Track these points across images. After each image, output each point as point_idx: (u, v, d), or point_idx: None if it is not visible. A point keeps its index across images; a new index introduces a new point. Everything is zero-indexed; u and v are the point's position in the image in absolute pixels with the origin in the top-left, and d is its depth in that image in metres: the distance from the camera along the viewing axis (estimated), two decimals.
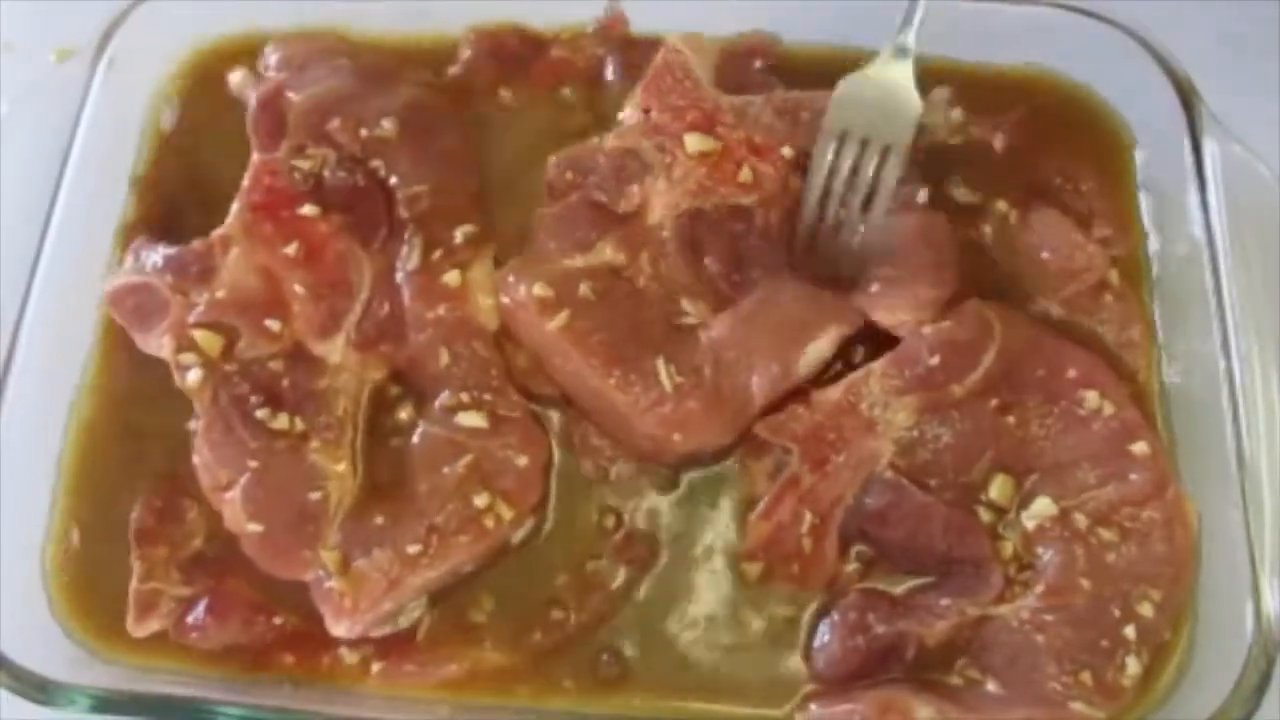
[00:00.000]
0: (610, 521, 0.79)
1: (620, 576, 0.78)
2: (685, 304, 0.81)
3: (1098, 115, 0.93)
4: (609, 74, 0.92)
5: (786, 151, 0.86)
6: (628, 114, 0.87)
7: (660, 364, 0.79)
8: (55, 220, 0.83)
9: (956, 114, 0.91)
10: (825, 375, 0.82)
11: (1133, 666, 0.74)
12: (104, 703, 0.72)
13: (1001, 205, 0.88)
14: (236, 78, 0.91)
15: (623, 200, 0.84)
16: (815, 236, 0.84)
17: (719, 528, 0.80)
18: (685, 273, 0.82)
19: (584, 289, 0.81)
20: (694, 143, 0.85)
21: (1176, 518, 0.77)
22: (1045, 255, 0.87)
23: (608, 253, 0.83)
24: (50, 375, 0.82)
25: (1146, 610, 0.75)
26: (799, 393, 0.80)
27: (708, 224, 0.83)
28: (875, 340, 0.83)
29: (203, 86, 0.92)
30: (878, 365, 0.80)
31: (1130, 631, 0.74)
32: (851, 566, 0.78)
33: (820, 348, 0.81)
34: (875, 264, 0.82)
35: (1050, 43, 0.92)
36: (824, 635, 0.76)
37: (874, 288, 0.82)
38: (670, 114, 0.86)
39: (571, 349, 0.80)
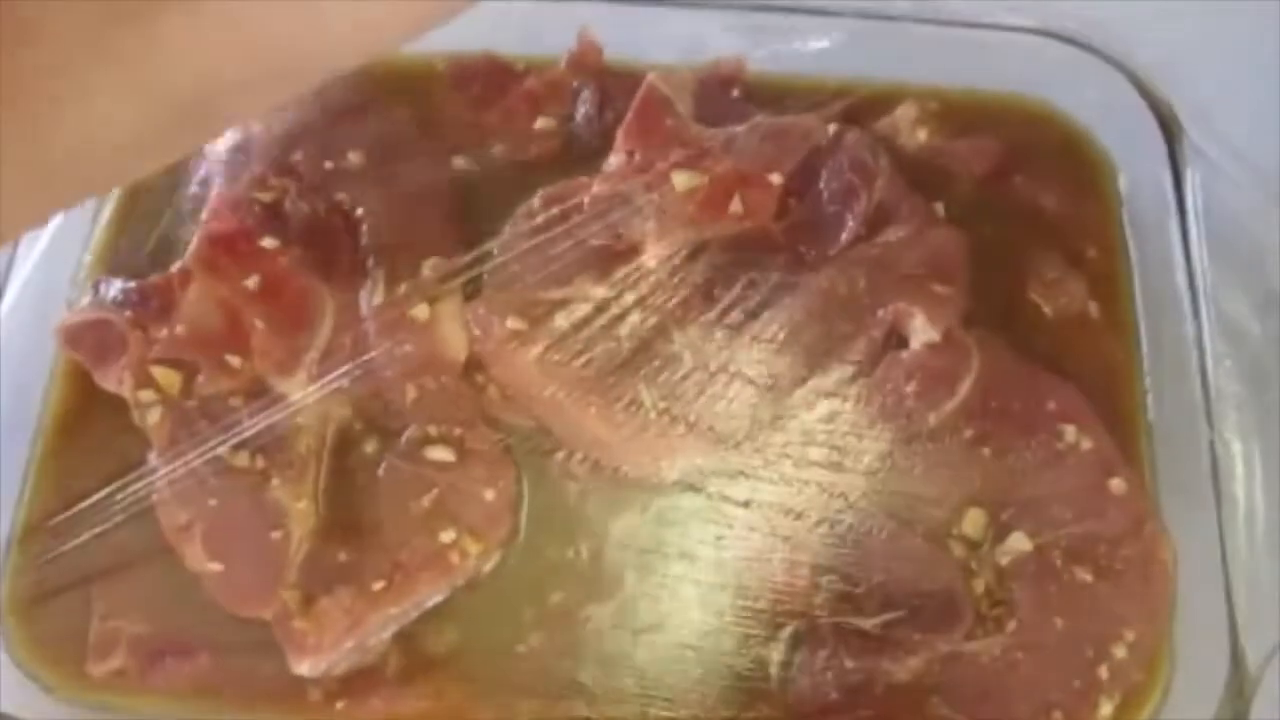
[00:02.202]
0: (577, 554, 0.78)
1: (587, 611, 0.77)
2: (673, 334, 0.80)
3: (1080, 141, 0.92)
4: (584, 104, 0.91)
5: (775, 178, 0.84)
6: (612, 159, 0.86)
7: (643, 390, 0.79)
8: (21, 247, 0.83)
9: (922, 134, 0.90)
10: None
11: (1105, 707, 0.73)
12: None
13: (986, 230, 0.86)
14: None
15: (610, 242, 0.83)
16: None
17: (692, 558, 0.78)
18: (679, 306, 0.81)
19: (560, 320, 0.81)
20: (681, 180, 0.84)
21: (1153, 557, 0.76)
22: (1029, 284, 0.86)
23: (587, 287, 0.82)
24: (13, 408, 0.81)
25: (1120, 650, 0.74)
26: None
27: (712, 256, 0.82)
28: None
29: None
30: (851, 391, 0.79)
31: (1104, 672, 0.74)
32: (822, 597, 0.76)
33: (817, 387, 0.80)
34: (916, 280, 0.81)
35: (1033, 69, 0.91)
36: (795, 671, 0.75)
37: (919, 305, 0.81)
38: (654, 153, 0.85)
39: (548, 381, 0.79)
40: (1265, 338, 0.78)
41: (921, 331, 0.80)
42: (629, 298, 0.81)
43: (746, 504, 0.78)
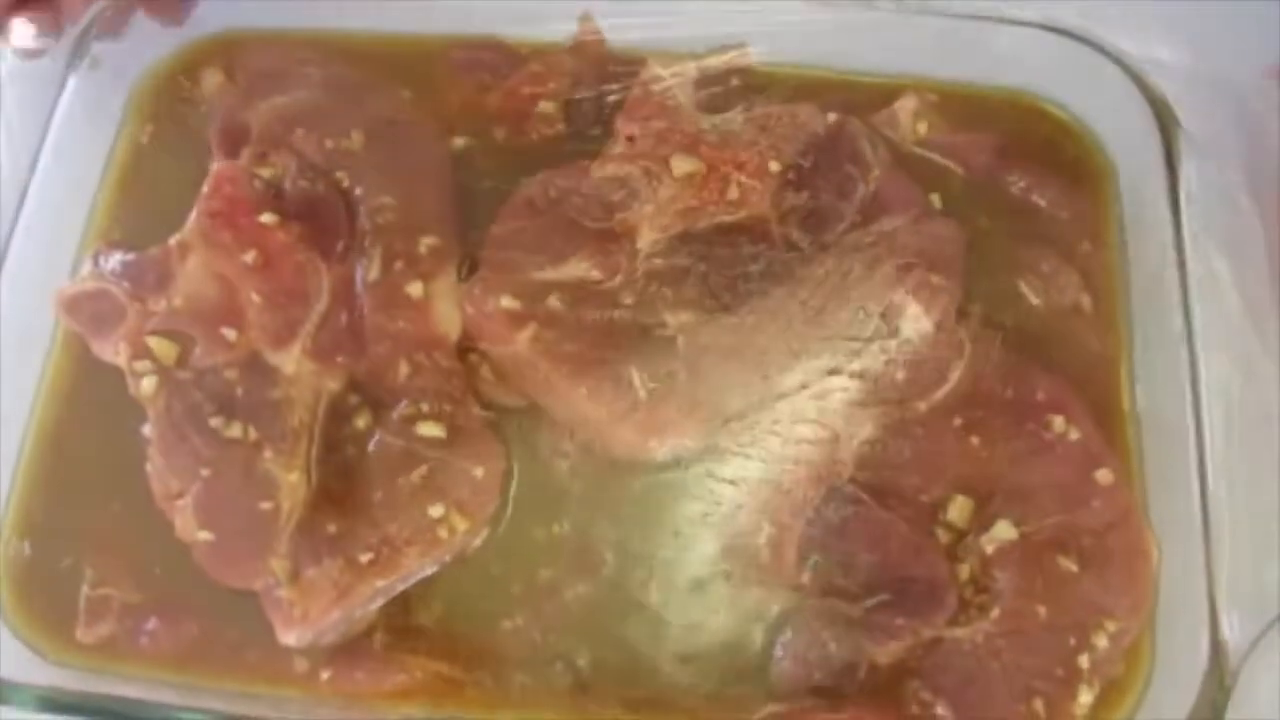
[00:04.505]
0: (565, 531, 0.79)
1: (574, 587, 0.78)
2: (666, 316, 0.81)
3: (1077, 136, 0.92)
4: (585, 89, 0.92)
5: (774, 166, 0.86)
6: (611, 143, 0.87)
7: (633, 372, 0.80)
8: (23, 219, 0.83)
9: (922, 126, 0.90)
10: None
11: (1086, 696, 0.74)
12: (51, 703, 0.72)
13: (982, 222, 0.88)
14: (210, 79, 0.92)
15: (607, 225, 0.84)
16: None
17: (679, 535, 0.79)
18: (673, 289, 0.82)
19: (553, 300, 0.82)
20: (680, 165, 0.85)
21: (1137, 548, 0.77)
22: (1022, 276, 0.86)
23: (581, 267, 0.83)
24: (11, 378, 0.82)
25: (1102, 640, 0.75)
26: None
27: (708, 242, 0.83)
28: None
29: (178, 89, 0.92)
30: (841, 377, 0.80)
31: (1085, 661, 0.74)
32: (807, 578, 0.77)
33: (808, 372, 0.80)
34: (911, 270, 0.82)
35: (1032, 63, 0.91)
36: (778, 651, 0.76)
37: (913, 294, 0.82)
38: (654, 139, 0.87)
39: (541, 360, 0.80)
40: (1256, 332, 0.78)
41: (914, 320, 0.81)
42: (623, 280, 0.82)
43: (734, 482, 0.79)
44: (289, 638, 0.74)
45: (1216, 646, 0.72)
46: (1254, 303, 0.79)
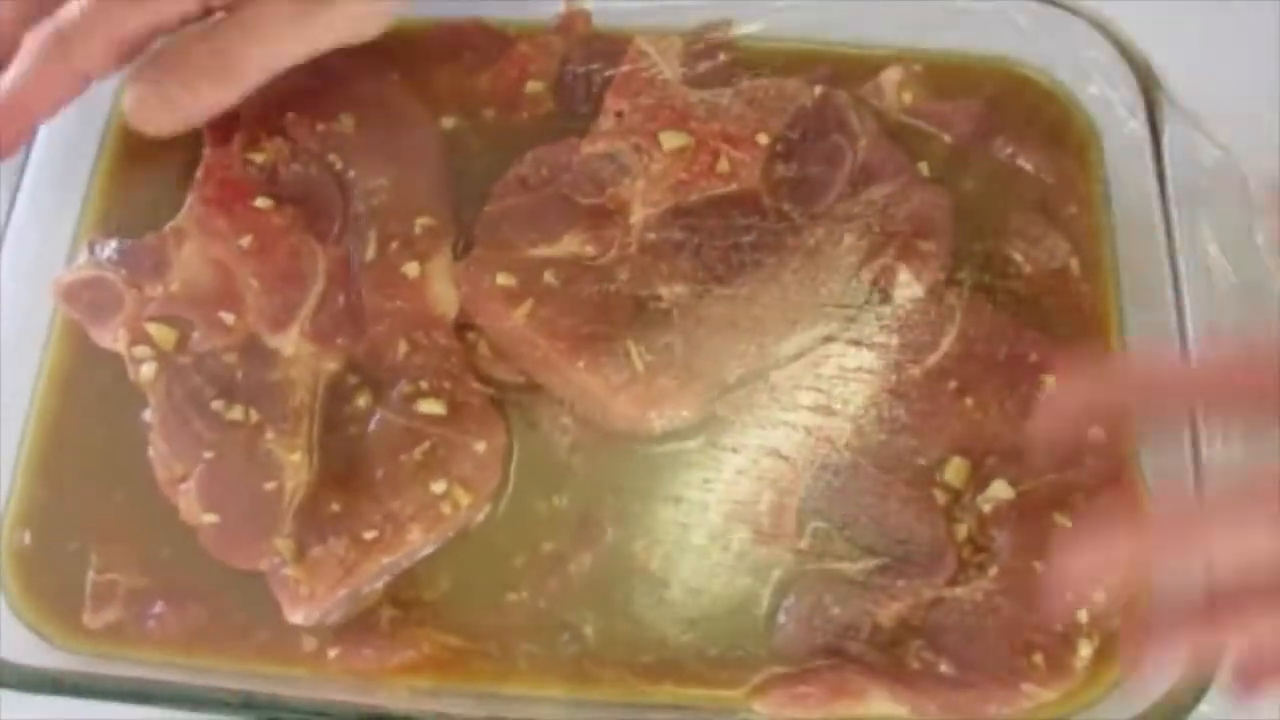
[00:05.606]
0: (567, 503, 0.80)
1: (577, 558, 0.78)
2: (661, 289, 0.82)
3: (1061, 101, 0.93)
4: (573, 68, 0.92)
5: (762, 139, 0.87)
6: (600, 120, 0.88)
7: (630, 345, 0.80)
8: (17, 210, 0.84)
9: (907, 96, 0.91)
10: None
11: (1084, 649, 0.75)
12: (59, 685, 0.72)
13: (969, 188, 0.89)
14: None
15: (599, 201, 0.85)
16: None
17: (680, 503, 0.79)
18: (667, 263, 0.83)
19: (548, 277, 0.83)
20: (669, 140, 0.86)
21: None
22: (1010, 241, 0.87)
23: (575, 243, 0.84)
24: (10, 366, 0.82)
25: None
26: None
27: (700, 215, 0.84)
28: None
29: None
30: (836, 345, 0.82)
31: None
32: (807, 542, 0.78)
33: (803, 341, 0.82)
34: (900, 236, 0.83)
35: (1014, 30, 0.92)
36: (782, 617, 0.77)
37: (903, 260, 0.83)
38: (643, 114, 0.88)
39: (537, 337, 0.81)
40: (1242, 291, 0.79)
41: (905, 286, 0.82)
42: (617, 255, 0.83)
43: (734, 450, 0.80)
44: (296, 616, 0.75)
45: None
46: (1239, 260, 0.80)
